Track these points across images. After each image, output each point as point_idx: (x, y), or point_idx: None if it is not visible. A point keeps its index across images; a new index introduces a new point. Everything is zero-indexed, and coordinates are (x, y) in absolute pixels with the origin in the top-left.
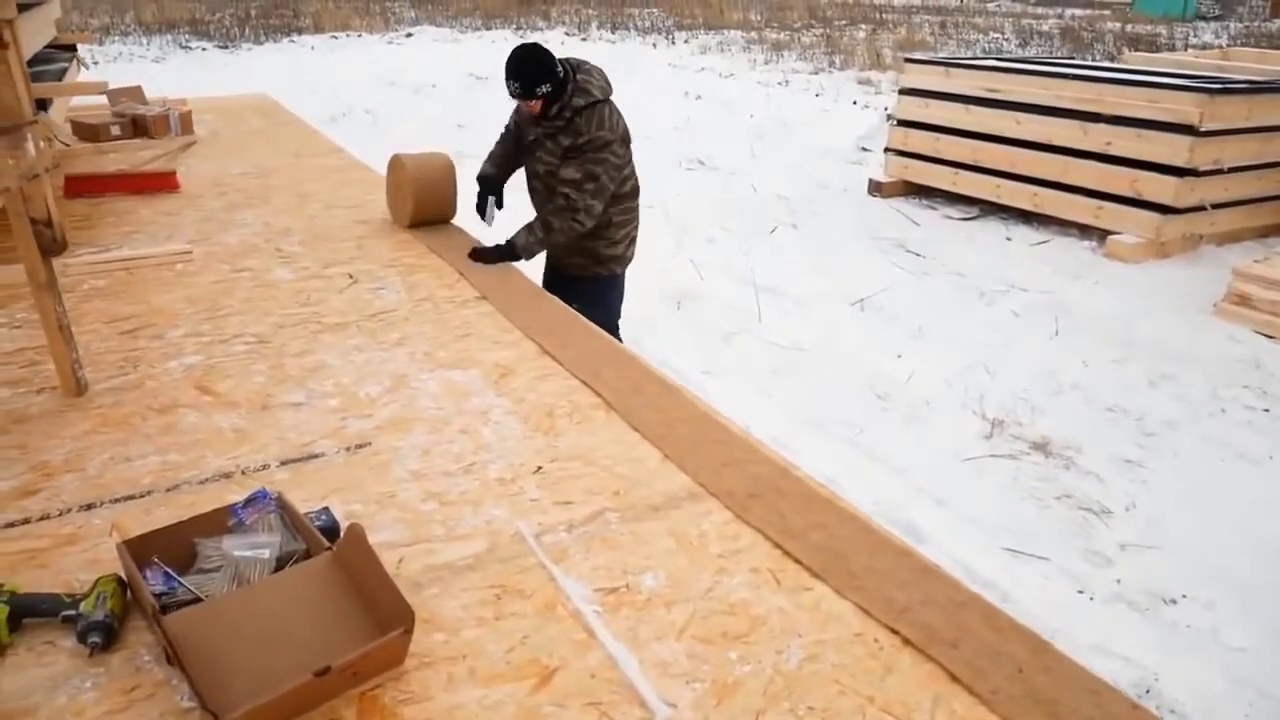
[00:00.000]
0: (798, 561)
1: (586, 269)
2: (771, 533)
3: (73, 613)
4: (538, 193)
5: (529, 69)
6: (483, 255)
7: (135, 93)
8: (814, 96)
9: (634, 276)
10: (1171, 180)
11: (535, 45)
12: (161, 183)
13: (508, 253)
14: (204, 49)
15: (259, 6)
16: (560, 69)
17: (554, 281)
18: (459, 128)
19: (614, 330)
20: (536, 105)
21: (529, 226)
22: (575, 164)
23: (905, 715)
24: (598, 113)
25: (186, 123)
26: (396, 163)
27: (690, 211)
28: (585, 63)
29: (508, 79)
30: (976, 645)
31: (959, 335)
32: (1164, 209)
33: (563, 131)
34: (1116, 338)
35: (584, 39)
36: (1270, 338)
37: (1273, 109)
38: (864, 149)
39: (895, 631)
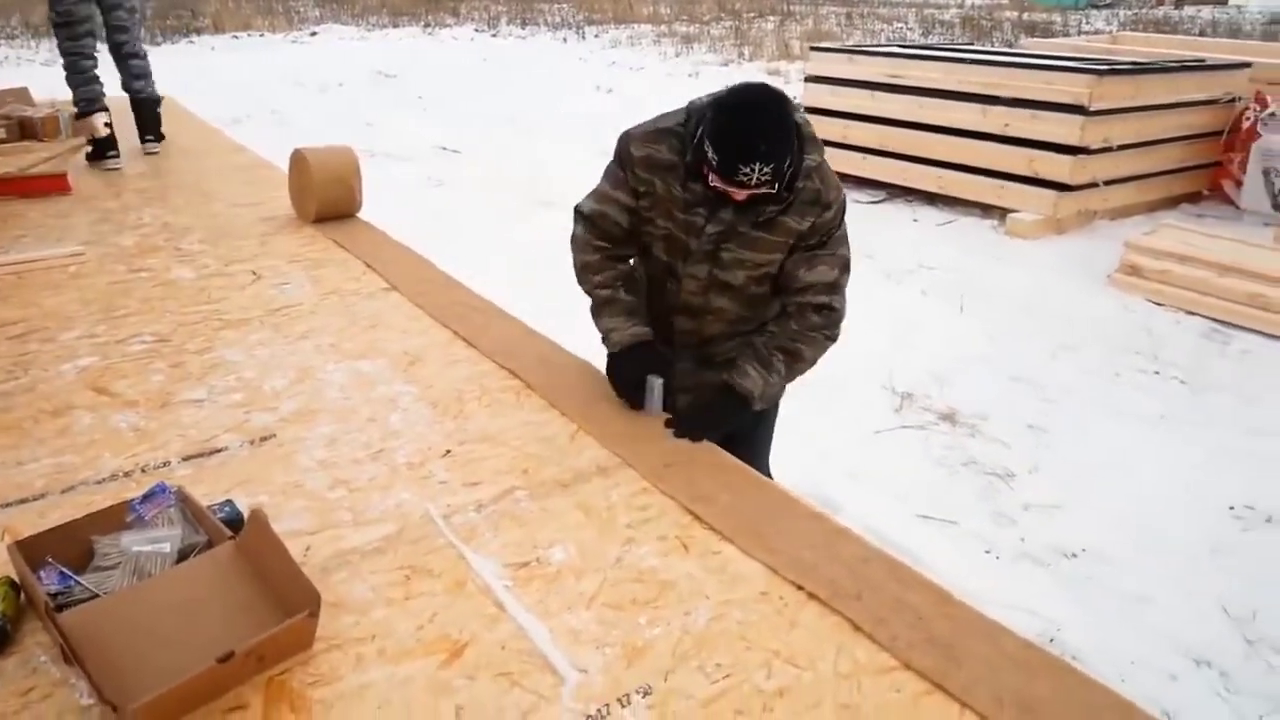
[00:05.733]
0: (708, 526)
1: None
2: (682, 498)
3: None
4: (715, 313)
5: (784, 140)
6: (699, 422)
7: (21, 94)
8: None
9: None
10: (1066, 159)
11: (775, 96)
12: (51, 185)
13: (740, 410)
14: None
15: (154, 7)
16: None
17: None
18: (368, 125)
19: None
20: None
21: (764, 364)
22: (826, 257)
23: (809, 665)
24: (826, 165)
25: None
26: (299, 157)
27: None
28: (767, 85)
29: (741, 160)
30: (880, 597)
31: (869, 315)
32: (1060, 186)
33: (789, 210)
34: (1019, 311)
35: (494, 35)
36: (1159, 305)
37: (1156, 89)
38: None
39: (800, 588)
